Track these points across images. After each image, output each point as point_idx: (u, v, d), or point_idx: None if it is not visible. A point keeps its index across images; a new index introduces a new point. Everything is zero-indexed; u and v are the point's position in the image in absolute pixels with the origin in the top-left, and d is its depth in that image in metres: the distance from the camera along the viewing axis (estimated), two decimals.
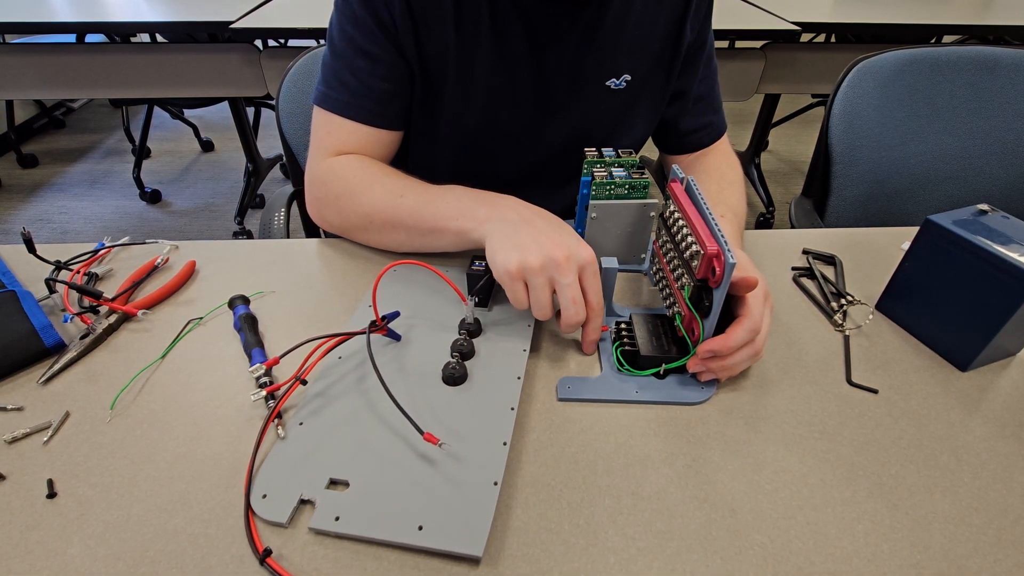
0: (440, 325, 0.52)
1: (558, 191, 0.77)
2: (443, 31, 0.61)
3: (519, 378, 0.47)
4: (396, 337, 0.50)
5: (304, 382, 0.45)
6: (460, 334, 0.50)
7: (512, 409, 0.44)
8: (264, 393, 0.44)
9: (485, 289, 0.54)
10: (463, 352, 0.48)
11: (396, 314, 0.51)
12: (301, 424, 0.43)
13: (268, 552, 0.35)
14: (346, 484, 0.39)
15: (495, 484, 0.38)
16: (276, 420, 0.43)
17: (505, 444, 0.41)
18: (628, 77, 0.69)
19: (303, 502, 0.38)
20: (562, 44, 0.64)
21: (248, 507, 0.38)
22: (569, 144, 0.71)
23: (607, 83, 0.68)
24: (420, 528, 0.36)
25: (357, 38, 0.61)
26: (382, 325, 0.49)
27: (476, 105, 0.66)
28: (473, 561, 0.35)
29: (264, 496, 0.38)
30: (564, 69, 0.66)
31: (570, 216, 0.64)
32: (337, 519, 0.36)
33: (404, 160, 0.72)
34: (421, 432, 0.40)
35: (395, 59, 0.62)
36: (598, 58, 0.66)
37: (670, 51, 0.69)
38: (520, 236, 0.49)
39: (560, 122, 0.70)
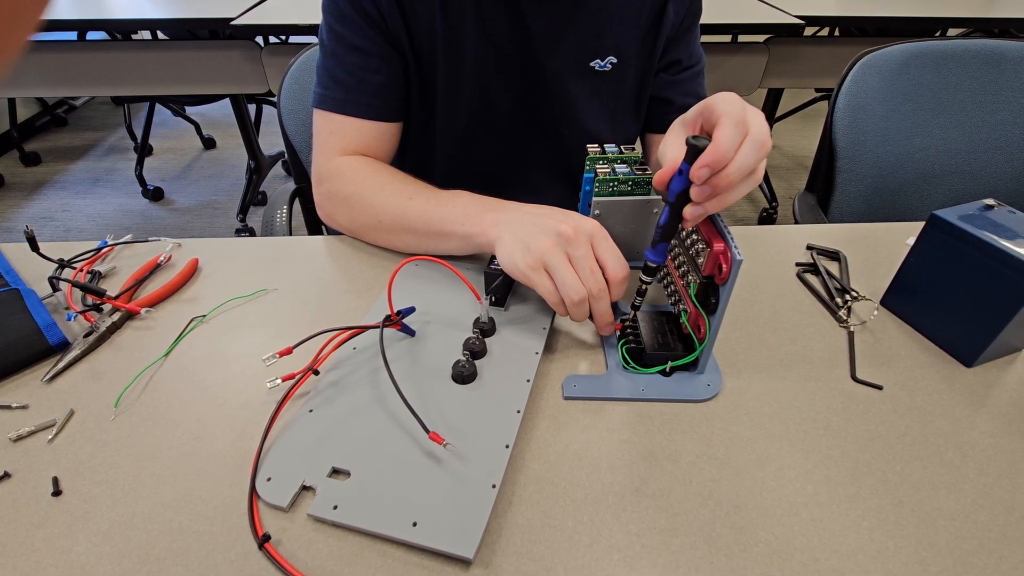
0: (455, 323, 0.52)
1: (555, 183, 0.77)
2: (429, 12, 0.62)
3: (528, 380, 0.46)
4: (411, 332, 0.50)
5: (316, 372, 0.45)
6: (473, 332, 0.50)
7: (518, 412, 0.43)
8: (280, 380, 0.44)
9: (502, 289, 0.53)
10: (474, 351, 0.48)
11: (412, 309, 0.51)
12: (311, 411, 0.43)
13: (267, 537, 0.35)
14: (347, 474, 0.39)
15: (493, 487, 0.38)
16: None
17: (507, 447, 0.41)
18: (614, 60, 0.68)
19: (305, 488, 0.38)
20: (543, 16, 0.64)
21: (252, 489, 0.38)
22: (563, 130, 0.71)
23: (591, 64, 0.68)
24: (415, 524, 0.36)
25: (346, 35, 0.62)
26: (396, 320, 0.49)
27: (467, 84, 0.66)
28: (465, 562, 0.35)
29: (269, 479, 0.38)
30: (547, 42, 0.66)
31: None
32: (335, 508, 0.37)
33: (401, 154, 0.72)
34: (427, 431, 0.40)
35: (386, 51, 0.63)
36: (582, 34, 0.66)
37: (652, 35, 0.69)
38: (526, 230, 0.49)
39: (549, 104, 0.70)
